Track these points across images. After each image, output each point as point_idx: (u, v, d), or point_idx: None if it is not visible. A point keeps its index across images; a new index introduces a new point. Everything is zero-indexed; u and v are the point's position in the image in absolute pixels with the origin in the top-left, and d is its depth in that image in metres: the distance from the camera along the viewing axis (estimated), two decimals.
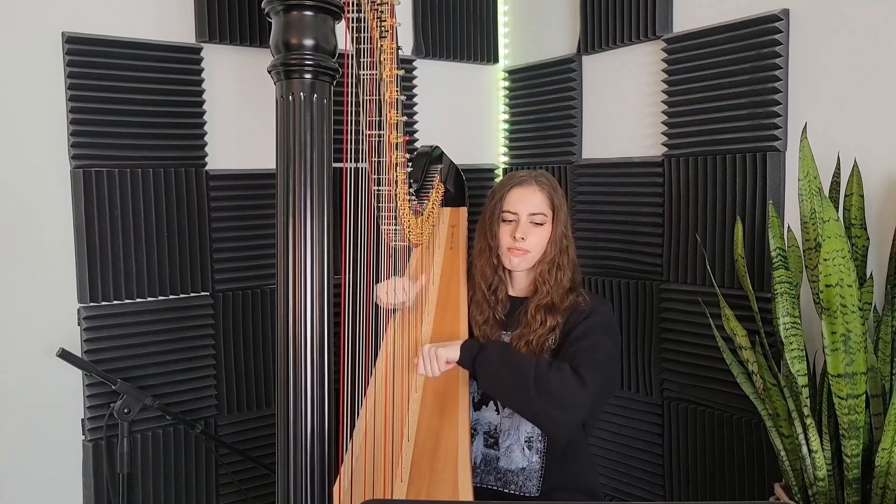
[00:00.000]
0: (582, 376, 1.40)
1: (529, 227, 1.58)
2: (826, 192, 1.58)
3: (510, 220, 1.60)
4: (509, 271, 1.65)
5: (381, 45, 1.25)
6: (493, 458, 1.56)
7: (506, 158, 2.61)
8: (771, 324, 1.64)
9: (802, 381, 1.49)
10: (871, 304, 1.52)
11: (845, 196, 1.56)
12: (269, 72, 0.96)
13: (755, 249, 1.78)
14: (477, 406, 1.60)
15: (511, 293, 1.67)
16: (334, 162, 1.00)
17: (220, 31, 1.95)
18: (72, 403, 1.83)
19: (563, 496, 1.53)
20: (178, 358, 1.94)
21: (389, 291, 1.60)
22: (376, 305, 1.63)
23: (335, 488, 1.28)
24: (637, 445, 2.17)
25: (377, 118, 1.29)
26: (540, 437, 1.54)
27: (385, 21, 1.24)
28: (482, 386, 1.49)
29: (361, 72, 1.24)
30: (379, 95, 1.28)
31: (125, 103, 1.83)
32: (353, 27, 1.20)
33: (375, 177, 1.39)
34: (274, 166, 0.97)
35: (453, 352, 1.49)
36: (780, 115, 1.73)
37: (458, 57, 2.47)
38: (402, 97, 1.34)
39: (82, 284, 1.80)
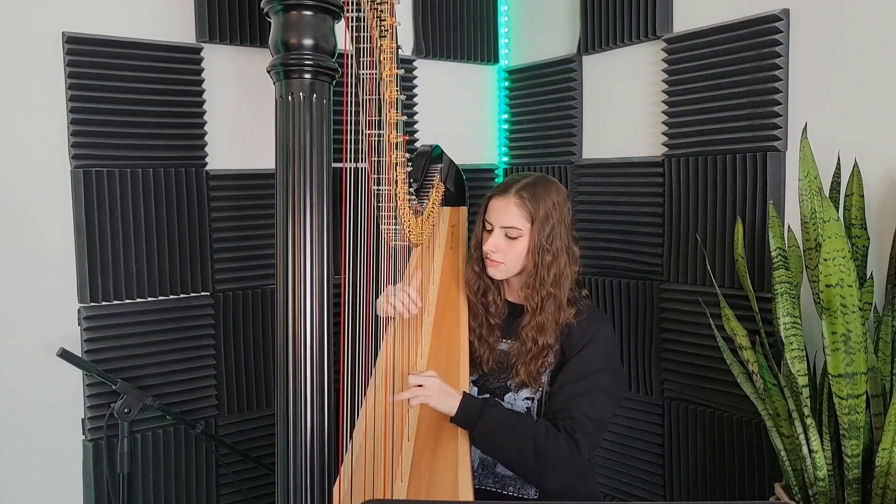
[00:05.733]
0: (577, 445, 1.40)
1: (502, 239, 1.54)
2: (826, 192, 1.58)
3: (489, 230, 1.57)
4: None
5: (381, 45, 1.25)
6: (491, 463, 1.56)
7: (506, 158, 2.61)
8: (771, 324, 1.64)
9: (803, 381, 1.48)
10: (871, 304, 1.52)
11: (845, 196, 1.56)
12: (269, 72, 0.96)
13: (755, 249, 1.78)
14: None
15: (508, 298, 1.66)
16: (334, 162, 1.00)
17: (220, 31, 1.95)
18: (72, 403, 1.83)
19: (562, 499, 1.53)
20: (178, 358, 1.94)
21: (389, 297, 1.58)
22: (376, 306, 1.63)
23: (335, 488, 1.28)
24: (637, 445, 2.17)
25: (377, 118, 1.29)
26: None
27: (385, 20, 1.24)
28: (479, 447, 1.45)
29: (361, 71, 1.24)
30: (378, 95, 1.28)
31: (125, 103, 1.82)
32: (352, 26, 1.20)
33: (375, 176, 1.38)
34: (273, 166, 0.97)
35: (450, 407, 1.41)
36: (780, 115, 1.73)
37: (458, 57, 2.47)
38: (402, 97, 1.34)
39: (82, 284, 1.80)
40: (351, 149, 1.22)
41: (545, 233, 1.52)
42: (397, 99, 1.32)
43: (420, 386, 1.39)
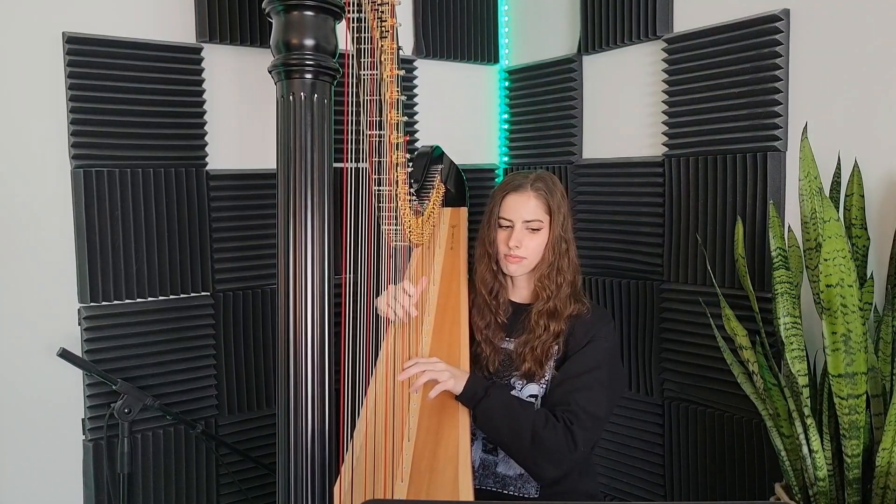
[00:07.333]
0: (574, 438, 1.41)
1: (525, 233, 1.56)
2: (826, 192, 1.58)
3: (506, 227, 1.59)
4: (510, 276, 1.64)
5: (382, 46, 1.25)
6: (492, 463, 1.56)
7: (506, 158, 2.61)
8: (771, 324, 1.64)
9: (803, 381, 1.49)
10: (871, 303, 1.52)
11: (846, 196, 1.56)
12: (270, 72, 0.96)
13: (756, 249, 1.78)
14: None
15: (512, 298, 1.66)
16: (335, 162, 1.00)
17: (220, 31, 1.95)
18: (72, 403, 1.83)
19: (562, 499, 1.54)
20: (179, 358, 1.94)
21: (390, 300, 1.58)
22: (377, 307, 1.63)
23: (335, 488, 1.27)
24: (637, 445, 2.17)
25: (377, 118, 1.29)
26: None
27: (385, 21, 1.24)
28: (479, 427, 1.48)
29: (362, 72, 1.24)
30: (379, 95, 1.28)
31: (125, 103, 1.82)
32: (353, 27, 1.20)
33: (376, 177, 1.38)
34: (274, 166, 0.98)
35: (457, 385, 1.44)
36: (780, 115, 1.73)
37: (459, 57, 2.47)
38: (403, 97, 1.34)
39: (82, 284, 1.80)
40: (352, 149, 1.22)
41: (560, 222, 1.57)
42: (398, 99, 1.32)
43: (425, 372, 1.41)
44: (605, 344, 1.53)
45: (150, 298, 1.89)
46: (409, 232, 1.56)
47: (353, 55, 1.22)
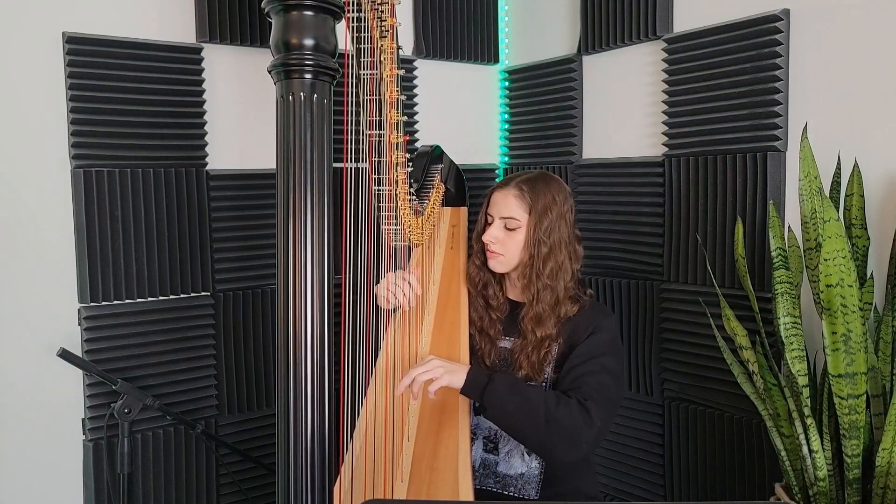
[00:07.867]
0: (590, 413, 1.38)
1: (502, 231, 1.57)
2: (826, 192, 1.58)
3: (490, 223, 1.60)
4: (495, 272, 1.64)
5: (382, 45, 1.25)
6: (493, 463, 1.56)
7: (506, 158, 2.61)
8: (771, 324, 1.64)
9: (803, 381, 1.49)
10: (871, 303, 1.52)
11: (846, 196, 1.56)
12: (270, 72, 0.96)
13: (756, 249, 1.78)
14: (477, 411, 1.59)
15: (510, 296, 1.66)
16: (334, 162, 1.00)
17: (220, 31, 1.95)
18: (72, 403, 1.83)
19: (563, 499, 1.53)
20: (179, 358, 1.94)
21: (390, 286, 1.58)
22: (377, 305, 1.63)
23: (335, 488, 1.28)
24: (637, 445, 2.17)
25: (377, 118, 1.29)
26: None
27: (385, 21, 1.24)
28: (489, 417, 1.45)
29: (362, 71, 1.24)
30: (379, 95, 1.28)
31: (125, 103, 1.82)
32: (353, 27, 1.20)
33: (376, 176, 1.38)
34: (274, 166, 0.98)
35: (458, 378, 1.42)
36: (780, 115, 1.73)
37: (459, 57, 2.47)
38: (403, 97, 1.34)
39: (82, 284, 1.80)
40: (351, 149, 1.22)
41: (543, 225, 1.53)
42: (398, 99, 1.32)
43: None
44: (606, 335, 1.52)
45: (150, 298, 1.89)
46: (409, 231, 1.56)
47: (352, 55, 1.22)
